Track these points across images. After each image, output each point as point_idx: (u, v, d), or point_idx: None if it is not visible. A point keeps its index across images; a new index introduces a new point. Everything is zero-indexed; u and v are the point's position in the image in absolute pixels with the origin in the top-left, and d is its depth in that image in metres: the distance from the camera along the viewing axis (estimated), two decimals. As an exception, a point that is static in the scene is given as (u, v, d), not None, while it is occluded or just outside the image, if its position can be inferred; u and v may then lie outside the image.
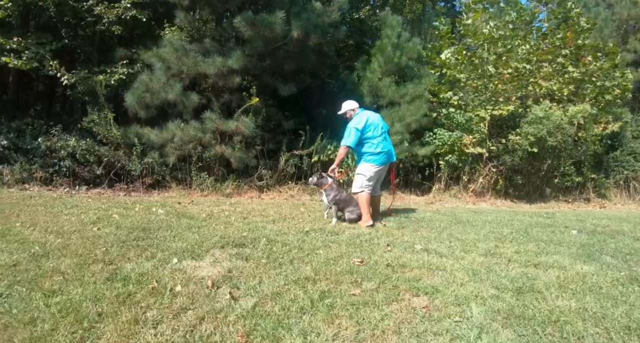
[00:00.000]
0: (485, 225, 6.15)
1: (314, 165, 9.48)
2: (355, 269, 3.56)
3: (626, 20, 15.59)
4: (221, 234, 4.63)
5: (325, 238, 4.73)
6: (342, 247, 4.36)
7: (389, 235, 5.08)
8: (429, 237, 5.05)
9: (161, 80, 8.46)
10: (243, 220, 5.64)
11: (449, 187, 10.54)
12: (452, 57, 10.88)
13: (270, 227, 5.24)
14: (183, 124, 8.40)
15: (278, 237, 4.65)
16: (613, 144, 12.73)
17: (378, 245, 4.48)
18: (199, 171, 8.52)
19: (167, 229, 4.82)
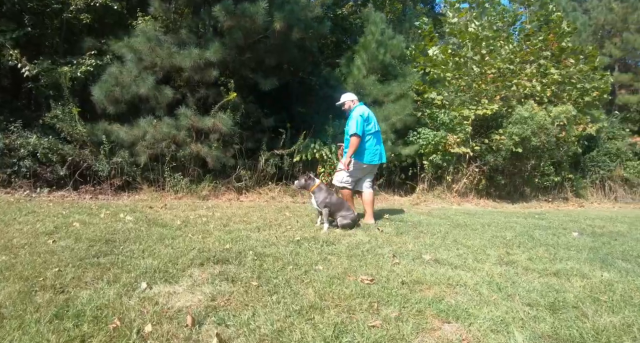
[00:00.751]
0: (485, 228, 5.83)
1: (296, 165, 8.85)
2: (367, 290, 2.96)
3: (602, 26, 15.66)
4: (199, 247, 3.94)
5: (321, 249, 4.12)
6: (343, 260, 3.76)
7: (390, 243, 4.56)
8: (434, 244, 4.61)
9: (132, 73, 7.64)
10: (223, 228, 4.94)
11: (433, 188, 10.11)
12: (438, 55, 10.44)
13: (256, 236, 4.57)
14: (156, 121, 7.59)
15: (266, 249, 4.00)
16: (590, 145, 12.66)
17: (382, 257, 3.92)
18: (172, 171, 7.72)
19: (135, 241, 4.08)
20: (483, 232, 5.55)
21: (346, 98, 5.90)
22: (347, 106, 5.86)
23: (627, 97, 14.50)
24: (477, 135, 10.35)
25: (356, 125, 5.53)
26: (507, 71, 10.53)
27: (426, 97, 10.23)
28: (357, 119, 5.57)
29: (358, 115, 5.60)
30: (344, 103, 5.88)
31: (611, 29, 15.70)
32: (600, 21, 15.38)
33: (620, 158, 12.67)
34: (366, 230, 5.18)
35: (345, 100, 5.88)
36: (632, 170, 12.62)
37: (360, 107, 5.79)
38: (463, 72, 10.49)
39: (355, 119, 5.56)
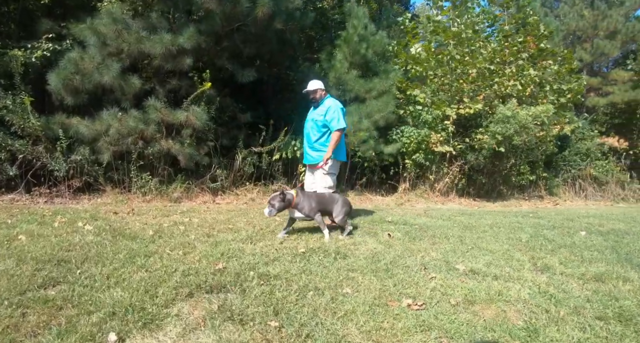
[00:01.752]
0: (495, 230, 5.37)
1: (275, 164, 7.98)
2: (422, 319, 2.41)
3: (574, 31, 15.54)
4: (183, 268, 3.06)
5: (336, 264, 3.39)
6: (371, 277, 3.08)
7: (409, 251, 3.95)
8: (456, 250, 4.13)
9: (95, 60, 6.55)
10: (207, 239, 4.04)
11: (415, 187, 9.46)
12: (420, 53, 9.80)
13: (251, 249, 3.72)
14: (121, 114, 6.53)
15: (270, 267, 3.20)
16: (562, 145, 12.47)
17: (412, 270, 3.32)
18: (140, 171, 6.68)
19: (97, 261, 3.15)
20: (495, 234, 5.10)
21: (317, 85, 5.10)
22: (317, 95, 5.06)
23: (597, 99, 14.46)
24: (457, 134, 9.83)
25: (339, 118, 4.87)
26: (486, 71, 10.04)
27: (409, 94, 9.57)
28: (338, 111, 4.89)
29: (338, 107, 4.92)
30: (315, 91, 5.06)
31: (582, 35, 15.65)
32: (572, 27, 15.34)
33: (590, 158, 12.59)
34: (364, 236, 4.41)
35: (316, 88, 5.07)
36: (600, 169, 12.61)
37: (332, 98, 5.13)
38: (444, 71, 9.90)
39: (337, 111, 4.88)
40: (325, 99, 5.07)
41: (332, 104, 4.94)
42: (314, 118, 5.07)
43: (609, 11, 15.23)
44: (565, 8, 16.09)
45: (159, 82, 7.02)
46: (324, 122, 4.93)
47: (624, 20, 15.45)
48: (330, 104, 4.94)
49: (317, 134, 5.03)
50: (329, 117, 4.89)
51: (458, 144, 9.58)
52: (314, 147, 5.06)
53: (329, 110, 4.90)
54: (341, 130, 4.85)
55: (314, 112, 5.12)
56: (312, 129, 5.07)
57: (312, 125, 5.09)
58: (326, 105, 4.97)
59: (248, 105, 8.25)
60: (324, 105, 5.00)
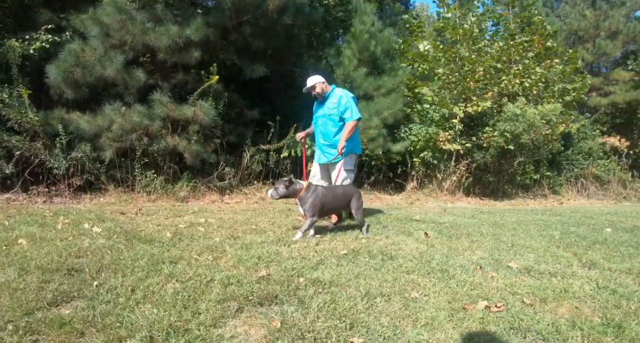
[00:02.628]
0: (523, 227, 5.14)
1: (283, 162, 7.48)
2: (506, 322, 2.19)
3: (575, 31, 15.17)
4: (221, 277, 2.58)
5: (386, 265, 3.02)
6: (431, 280, 2.76)
7: (454, 250, 3.64)
8: (499, 248, 3.88)
9: (97, 52, 6.04)
10: (235, 242, 3.57)
11: (423, 186, 9.02)
12: (429, 50, 9.34)
13: (287, 252, 3.28)
14: (124, 108, 6.00)
15: (318, 272, 2.77)
16: (565, 144, 12.12)
17: (467, 269, 3.07)
18: (144, 169, 6.14)
19: (115, 270, 2.65)
20: (526, 231, 4.88)
21: (315, 80, 4.52)
22: (319, 89, 4.50)
23: (598, 99, 14.11)
24: (464, 133, 9.41)
25: (353, 108, 4.39)
26: (492, 70, 9.61)
27: (417, 92, 9.11)
28: (350, 100, 4.39)
29: (350, 97, 4.43)
30: (315, 86, 4.49)
31: (583, 35, 15.28)
32: (574, 27, 14.98)
33: (593, 157, 12.29)
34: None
35: (315, 83, 4.49)
36: (602, 168, 12.35)
37: (339, 88, 4.63)
38: (452, 69, 9.46)
39: (349, 101, 4.41)
40: (332, 91, 4.55)
41: (342, 94, 4.43)
42: (326, 113, 4.53)
43: (611, 11, 14.88)
44: (567, 8, 15.73)
45: (163, 77, 6.49)
46: (339, 114, 4.41)
47: (625, 20, 15.11)
48: (341, 94, 4.43)
49: (333, 129, 4.50)
50: (342, 107, 4.37)
51: (465, 142, 9.17)
52: (333, 143, 4.50)
53: (341, 100, 4.38)
54: (357, 120, 4.35)
55: (324, 108, 4.56)
56: (327, 125, 4.54)
57: (325, 121, 4.56)
58: (336, 95, 4.45)
59: (253, 102, 7.75)
60: (333, 96, 4.47)
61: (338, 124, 4.46)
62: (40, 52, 6.25)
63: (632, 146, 13.36)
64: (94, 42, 6.12)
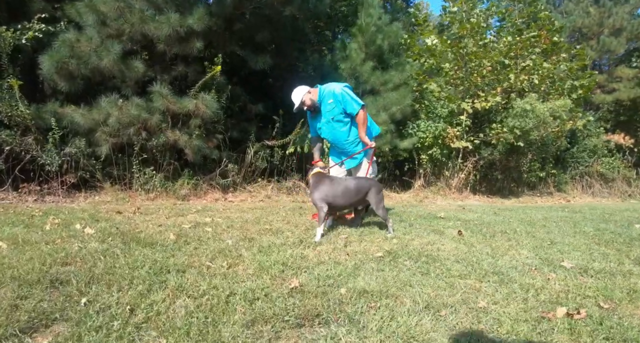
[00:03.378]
0: (553, 224, 4.75)
1: (289, 159, 7.01)
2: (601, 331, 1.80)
3: (579, 28, 14.74)
4: (243, 290, 2.06)
5: (432, 269, 2.57)
6: (489, 284, 2.36)
7: (494, 249, 3.24)
8: (541, 246, 3.46)
9: (93, 41, 5.54)
10: (250, 245, 3.04)
11: (431, 183, 8.56)
12: (437, 45, 8.87)
13: (312, 255, 2.80)
14: (122, 101, 5.50)
15: (359, 280, 2.30)
16: (571, 141, 11.72)
17: (522, 271, 2.65)
18: (142, 165, 5.64)
19: (109, 283, 2.12)
20: (557, 228, 4.47)
21: (301, 93, 3.85)
22: (309, 102, 3.82)
23: (603, 96, 13.72)
24: (471, 129, 8.96)
25: (352, 98, 3.76)
26: (498, 65, 9.16)
27: (425, 87, 8.65)
28: (344, 92, 3.76)
29: (342, 88, 3.79)
30: (303, 101, 3.83)
31: (587, 32, 14.86)
32: (578, 24, 14.59)
33: (597, 154, 11.85)
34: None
35: (302, 97, 3.82)
36: (607, 166, 11.93)
37: (325, 85, 3.92)
38: (459, 64, 9.00)
39: (343, 93, 3.75)
40: (321, 93, 3.87)
41: (333, 89, 3.79)
42: (328, 119, 3.87)
43: (615, 8, 14.49)
44: (570, 5, 15.32)
45: (163, 69, 6.00)
46: (342, 111, 3.80)
47: (629, 17, 14.71)
48: (332, 89, 3.79)
49: (344, 129, 3.89)
50: (342, 102, 3.75)
51: (473, 139, 8.72)
52: (352, 142, 3.94)
53: (336, 95, 3.75)
54: (362, 107, 3.77)
55: (323, 113, 3.89)
56: (336, 130, 3.91)
57: (332, 127, 3.90)
58: (329, 93, 3.80)
59: (256, 97, 7.27)
60: (326, 97, 3.82)
61: (346, 122, 3.87)
62: (33, 42, 5.76)
63: (637, 144, 12.97)
64: (90, 31, 5.63)
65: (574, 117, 9.87)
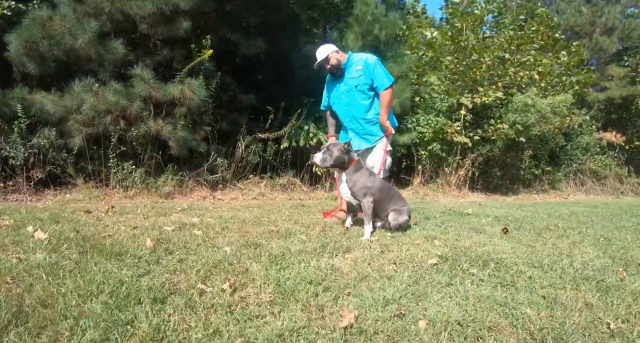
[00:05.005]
0: (586, 218, 4.38)
1: (282, 154, 6.35)
2: None
3: (572, 27, 14.41)
4: (268, 335, 1.30)
5: (512, 279, 1.98)
6: (596, 295, 1.81)
7: (555, 248, 2.72)
8: (598, 243, 3.02)
9: (68, 20, 4.77)
10: (255, 252, 2.28)
11: (429, 181, 8.00)
12: (437, 37, 8.31)
13: (348, 267, 2.06)
14: (97, 86, 4.74)
15: (430, 304, 1.64)
16: (565, 139, 11.36)
17: (611, 276, 2.09)
18: (120, 159, 4.87)
19: (41, 323, 1.33)
20: (594, 223, 4.09)
21: (329, 49, 3.35)
22: (334, 60, 3.33)
23: (595, 94, 13.40)
24: (470, 125, 8.44)
25: (384, 72, 3.26)
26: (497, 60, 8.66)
27: (424, 80, 8.08)
28: (378, 63, 3.25)
29: (377, 59, 3.28)
30: (328, 58, 3.32)
31: (580, 31, 14.54)
32: (570, 22, 14.27)
33: (590, 152, 11.53)
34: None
35: (329, 53, 3.33)
36: (600, 163, 11.68)
37: (359, 52, 3.50)
38: (459, 57, 8.45)
39: (376, 63, 3.26)
40: (349, 59, 3.37)
41: (366, 57, 3.30)
42: (350, 86, 3.33)
43: (606, 8, 14.20)
44: (562, 4, 14.98)
45: (146, 53, 5.25)
46: (368, 82, 3.25)
47: (621, 17, 14.44)
48: (365, 57, 3.30)
49: (365, 102, 3.31)
50: (372, 73, 3.22)
51: (473, 135, 8.20)
52: (369, 120, 3.34)
53: (367, 65, 3.23)
54: (391, 85, 3.23)
55: (345, 81, 3.38)
56: (356, 100, 3.33)
57: (352, 96, 3.34)
58: (360, 60, 3.30)
59: (246, 88, 6.58)
60: (355, 63, 3.32)
61: (369, 95, 3.30)
62: (2, 21, 4.99)
63: (628, 141, 12.69)
64: (65, 9, 4.86)
65: (571, 113, 9.47)
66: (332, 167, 3.00)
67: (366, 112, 3.33)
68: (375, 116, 3.31)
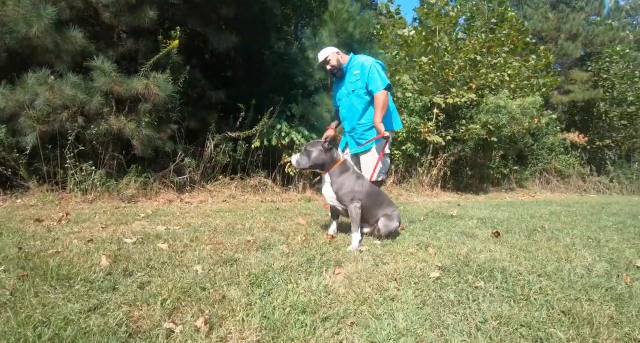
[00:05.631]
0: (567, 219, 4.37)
1: (254, 154, 6.13)
2: None
3: (539, 32, 14.83)
4: None
5: (528, 293, 1.83)
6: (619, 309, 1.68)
7: (553, 253, 2.60)
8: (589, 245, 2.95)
9: (22, 5, 4.35)
10: (232, 271, 1.96)
11: (403, 180, 8.01)
12: (413, 36, 8.30)
13: (343, 288, 1.80)
14: (53, 78, 4.37)
15: (450, 332, 1.44)
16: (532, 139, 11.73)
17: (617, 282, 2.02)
18: (79, 160, 4.51)
19: None
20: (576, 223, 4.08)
21: (329, 51, 3.28)
22: (334, 62, 3.24)
23: (560, 97, 13.88)
24: (442, 125, 8.51)
25: (380, 76, 3.13)
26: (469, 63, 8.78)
27: (398, 79, 8.06)
28: (375, 67, 3.16)
29: (374, 62, 3.17)
30: (328, 59, 3.24)
31: (546, 36, 15.03)
32: (538, 28, 14.73)
33: (555, 152, 11.97)
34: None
35: (329, 54, 3.24)
36: (564, 163, 12.17)
37: (360, 55, 3.34)
38: (433, 58, 8.49)
39: (374, 67, 3.15)
40: (351, 61, 3.28)
41: (364, 60, 3.20)
42: (349, 90, 3.26)
43: (572, 15, 14.77)
44: (530, 10, 15.45)
45: (109, 44, 4.90)
46: (364, 87, 3.16)
47: (585, 24, 15.06)
48: (363, 61, 3.19)
49: (361, 107, 3.22)
50: (367, 76, 3.13)
51: (446, 135, 8.27)
52: (365, 125, 3.23)
53: (363, 69, 3.15)
54: (387, 89, 3.12)
55: (345, 84, 3.31)
56: (353, 105, 3.25)
57: (350, 101, 3.27)
58: (358, 64, 3.21)
59: (216, 85, 6.30)
60: (355, 67, 3.24)
61: (366, 100, 3.19)
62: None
63: (590, 142, 13.24)
64: (16, -6, 4.47)
65: (540, 115, 9.74)
66: (311, 169, 2.76)
67: (361, 117, 3.22)
68: (370, 121, 3.19)
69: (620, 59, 13.25)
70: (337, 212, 2.93)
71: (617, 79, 13.15)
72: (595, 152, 13.48)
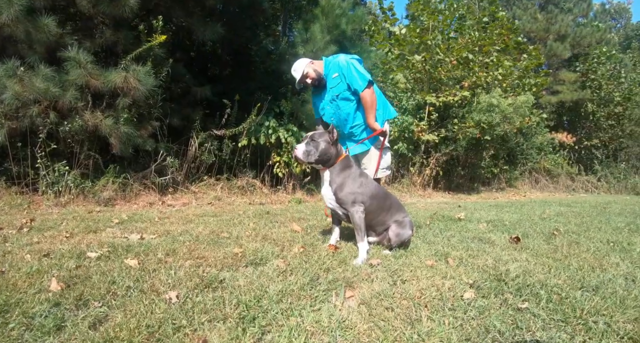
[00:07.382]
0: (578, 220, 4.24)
1: (241, 152, 5.89)
2: None
3: (527, 33, 14.90)
4: None
5: (576, 315, 1.54)
6: None
7: (583, 261, 2.34)
8: (614, 249, 2.74)
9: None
10: (215, 300, 1.55)
11: (394, 180, 7.87)
12: (406, 33, 8.14)
13: (360, 321, 1.41)
14: (23, 70, 4.04)
15: None
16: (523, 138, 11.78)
17: None
18: (51, 159, 4.20)
19: None
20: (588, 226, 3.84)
21: (302, 65, 2.99)
22: (313, 74, 2.97)
23: (548, 97, 13.96)
24: (434, 124, 8.40)
25: (358, 73, 2.87)
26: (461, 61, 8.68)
27: (391, 77, 7.91)
28: (351, 65, 2.90)
29: (349, 59, 2.94)
30: (306, 74, 2.97)
31: (534, 37, 15.12)
32: (526, 28, 14.82)
33: (544, 151, 12.04)
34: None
35: (305, 69, 2.97)
36: (553, 162, 12.26)
37: (332, 57, 3.05)
38: (426, 56, 8.35)
39: (350, 66, 2.89)
40: (327, 66, 3.02)
41: (338, 60, 2.95)
42: (333, 96, 3.02)
43: (560, 16, 14.91)
44: (519, 11, 15.53)
45: (86, 34, 4.58)
46: (346, 88, 2.93)
47: (573, 25, 15.22)
48: (338, 61, 2.94)
49: (351, 109, 2.99)
50: (347, 76, 2.89)
51: (438, 134, 8.16)
52: (359, 125, 3.04)
53: (341, 69, 2.91)
54: (369, 84, 2.88)
55: (328, 91, 3.05)
56: (342, 110, 3.01)
57: (336, 106, 3.03)
58: (334, 65, 2.97)
59: (200, 80, 6.03)
60: (332, 70, 2.98)
61: (354, 99, 2.96)
62: None
63: (578, 142, 13.37)
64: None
65: (531, 113, 9.75)
66: (317, 162, 2.33)
67: (353, 119, 3.00)
68: (364, 122, 2.98)
69: (606, 60, 13.43)
70: (338, 216, 2.55)
71: (604, 79, 13.31)
72: (582, 152, 13.63)
